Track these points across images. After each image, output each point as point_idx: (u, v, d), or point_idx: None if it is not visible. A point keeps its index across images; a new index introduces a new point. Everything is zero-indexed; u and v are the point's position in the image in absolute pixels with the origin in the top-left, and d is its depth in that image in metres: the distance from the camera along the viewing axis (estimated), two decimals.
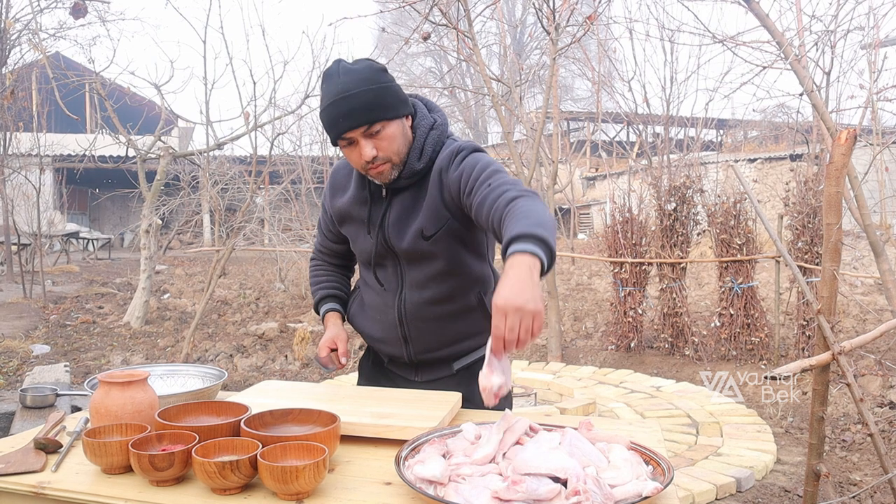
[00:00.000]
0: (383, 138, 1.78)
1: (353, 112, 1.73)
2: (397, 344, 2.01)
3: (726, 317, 6.43)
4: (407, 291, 1.95)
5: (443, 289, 1.93)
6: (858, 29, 6.22)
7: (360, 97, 1.73)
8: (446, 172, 1.84)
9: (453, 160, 1.84)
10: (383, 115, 1.76)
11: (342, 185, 2.04)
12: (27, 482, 1.40)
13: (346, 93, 1.73)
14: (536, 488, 1.21)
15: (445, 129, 1.93)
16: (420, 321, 1.96)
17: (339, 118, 1.75)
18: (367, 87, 1.74)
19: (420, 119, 1.91)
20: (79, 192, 23.60)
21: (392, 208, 1.91)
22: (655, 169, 7.74)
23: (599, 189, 23.43)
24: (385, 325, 2.01)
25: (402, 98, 1.83)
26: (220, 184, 9.40)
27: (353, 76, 1.74)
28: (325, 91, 1.78)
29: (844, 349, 2.49)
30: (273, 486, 1.29)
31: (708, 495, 3.65)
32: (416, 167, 1.86)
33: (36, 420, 3.13)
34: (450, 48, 8.90)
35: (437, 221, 1.85)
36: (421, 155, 1.87)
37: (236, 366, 6.71)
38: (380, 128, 1.77)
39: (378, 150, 1.78)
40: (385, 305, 1.99)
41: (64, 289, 11.68)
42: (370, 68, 1.78)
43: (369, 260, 2.00)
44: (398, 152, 1.82)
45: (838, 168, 2.45)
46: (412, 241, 1.87)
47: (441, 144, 1.90)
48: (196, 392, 1.83)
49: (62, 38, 11.65)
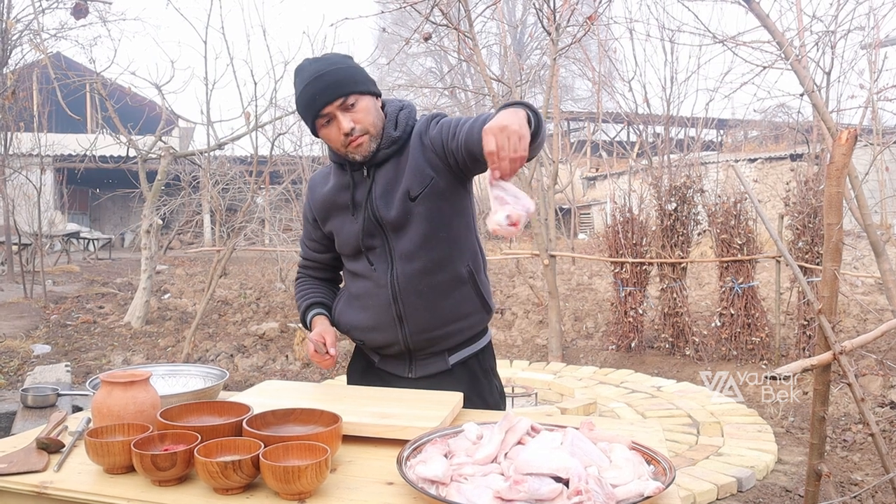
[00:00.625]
0: (359, 111, 1.89)
1: (329, 88, 1.85)
2: (391, 327, 2.00)
3: (727, 317, 6.43)
4: (398, 265, 1.97)
5: (432, 256, 1.96)
6: (859, 29, 6.23)
7: (333, 74, 1.86)
8: (426, 134, 1.95)
9: (430, 122, 1.97)
10: (356, 89, 1.88)
11: (321, 183, 2.12)
12: (29, 482, 1.41)
13: (319, 73, 1.86)
14: (538, 488, 1.21)
15: (414, 111, 2.04)
16: (414, 295, 1.97)
17: (315, 96, 1.86)
18: (338, 66, 1.88)
19: (389, 104, 2.03)
20: (79, 192, 23.59)
21: (376, 183, 1.98)
22: (656, 169, 7.75)
23: (600, 189, 23.44)
24: (377, 310, 2.01)
25: (370, 78, 1.95)
26: (221, 184, 9.41)
27: (322, 62, 1.89)
28: (298, 80, 1.91)
29: (845, 349, 2.49)
30: (275, 486, 1.29)
31: (709, 495, 3.65)
32: (393, 135, 1.96)
33: (37, 420, 3.13)
34: (450, 48, 8.91)
35: (422, 181, 1.93)
36: (396, 125, 1.97)
37: (237, 366, 6.71)
38: (354, 101, 1.88)
39: (355, 122, 1.89)
40: (377, 287, 2.00)
41: (64, 289, 11.68)
42: (336, 55, 1.94)
43: (357, 245, 2.02)
44: (374, 124, 1.92)
45: (839, 168, 2.45)
46: (400, 206, 1.93)
47: (413, 119, 2.02)
48: (198, 392, 1.84)
49: (63, 38, 11.66)
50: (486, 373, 2.12)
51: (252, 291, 11.21)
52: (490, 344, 2.17)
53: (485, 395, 2.06)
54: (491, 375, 2.14)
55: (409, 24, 13.58)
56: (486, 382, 2.10)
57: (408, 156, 1.95)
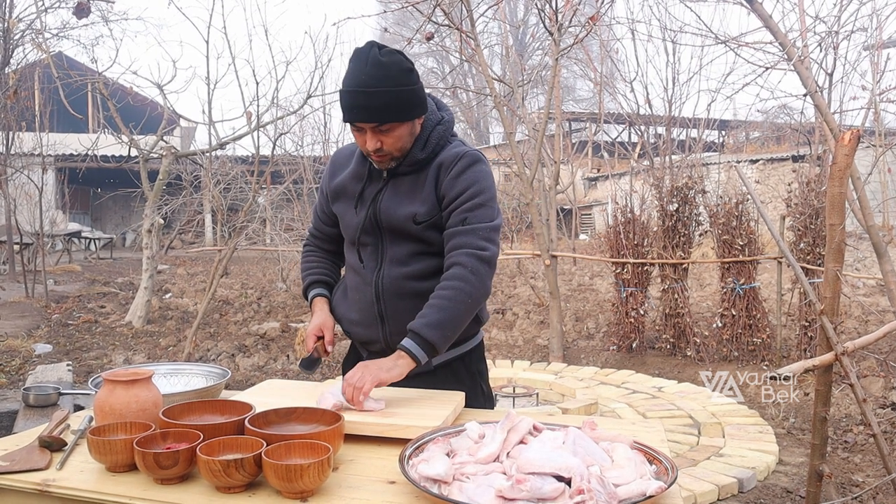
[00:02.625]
0: (390, 136, 1.85)
1: (369, 108, 1.79)
2: (373, 325, 2.01)
3: (728, 318, 6.43)
4: (386, 267, 1.98)
5: (421, 266, 1.96)
6: (861, 30, 6.22)
7: (380, 97, 1.77)
8: (446, 172, 1.91)
9: (456, 163, 1.91)
10: (396, 118, 1.82)
11: (343, 164, 2.09)
12: (32, 480, 1.41)
13: (368, 88, 1.77)
14: (541, 487, 1.21)
15: (451, 128, 2.00)
16: (397, 297, 1.97)
17: (354, 108, 1.81)
18: (389, 87, 1.78)
19: (429, 114, 1.96)
20: (81, 191, 23.60)
21: (388, 187, 1.97)
22: (657, 170, 7.75)
23: (601, 190, 23.43)
24: (362, 305, 2.02)
25: (421, 100, 1.88)
26: (223, 183, 9.41)
27: (379, 71, 1.77)
28: (350, 71, 1.81)
29: (847, 350, 2.49)
30: (277, 485, 1.30)
31: (710, 496, 3.65)
32: (418, 157, 1.93)
33: (39, 419, 3.13)
34: (452, 48, 8.91)
35: (430, 212, 1.92)
36: (424, 146, 1.93)
37: (238, 365, 6.71)
38: (389, 127, 1.83)
39: (382, 145, 1.86)
40: (363, 283, 2.01)
41: (66, 288, 11.69)
42: (399, 67, 1.80)
43: (354, 238, 2.03)
44: (402, 149, 1.90)
45: (842, 168, 2.45)
46: (403, 223, 1.93)
47: (445, 140, 1.97)
48: (200, 391, 1.84)
49: (65, 37, 11.67)
50: (473, 376, 2.09)
51: (253, 291, 11.21)
52: (479, 346, 2.14)
53: (468, 399, 1.99)
54: (478, 378, 2.11)
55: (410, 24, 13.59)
56: (472, 385, 2.06)
57: (426, 179, 1.94)
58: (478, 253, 1.86)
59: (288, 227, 11.12)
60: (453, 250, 1.88)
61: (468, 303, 1.85)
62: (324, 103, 12.92)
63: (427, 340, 1.79)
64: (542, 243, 7.13)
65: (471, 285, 1.84)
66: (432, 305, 1.83)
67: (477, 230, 1.87)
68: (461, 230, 1.88)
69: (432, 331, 1.79)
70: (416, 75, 1.85)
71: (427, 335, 1.79)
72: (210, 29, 8.45)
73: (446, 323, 1.82)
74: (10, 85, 10.17)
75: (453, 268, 1.86)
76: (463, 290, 1.84)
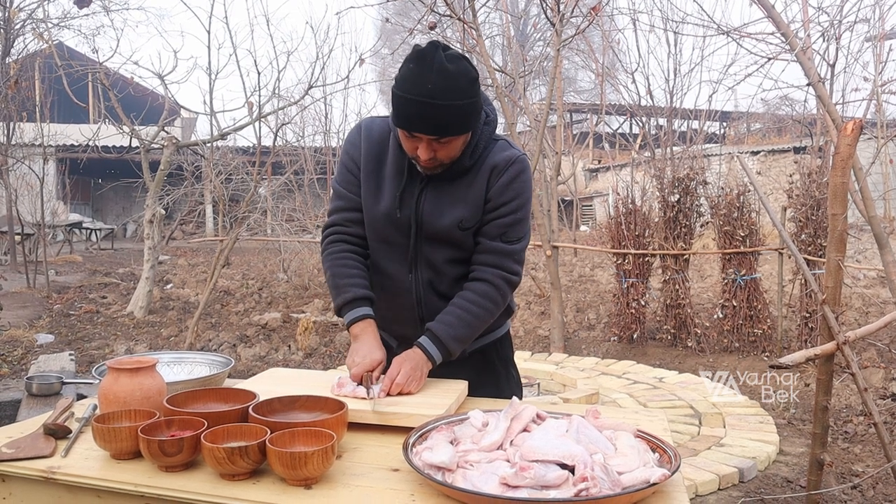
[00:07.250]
0: (446, 147, 1.77)
1: (432, 122, 1.69)
2: (412, 325, 1.98)
3: (729, 308, 6.43)
4: (423, 271, 1.95)
5: (458, 270, 1.95)
6: (864, 21, 6.21)
7: (445, 110, 1.67)
8: (497, 176, 1.86)
9: (508, 168, 1.86)
10: (458, 132, 1.74)
11: (379, 144, 1.93)
12: (37, 467, 1.42)
13: (434, 99, 1.65)
14: (544, 474, 1.22)
15: (495, 126, 1.93)
16: (437, 298, 1.96)
17: (414, 118, 1.70)
18: (455, 101, 1.67)
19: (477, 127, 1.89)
20: (82, 182, 23.57)
21: (429, 188, 1.89)
22: (659, 161, 7.73)
23: (602, 181, 23.40)
24: (400, 309, 1.99)
25: (480, 109, 1.80)
26: (224, 174, 9.39)
27: (446, 81, 1.65)
28: (412, 75, 1.67)
29: (849, 339, 2.50)
30: (281, 472, 1.30)
31: (711, 485, 3.66)
32: (464, 164, 1.86)
33: (42, 408, 3.14)
34: (453, 39, 8.88)
35: (474, 216, 1.88)
36: (472, 153, 1.86)
37: (240, 355, 6.73)
38: (447, 140, 1.75)
39: (437, 155, 1.77)
40: (395, 286, 1.97)
41: (67, 279, 11.70)
42: (467, 77, 1.69)
43: (384, 236, 1.94)
44: (452, 157, 1.82)
45: (844, 158, 2.45)
46: (448, 229, 1.87)
47: (490, 140, 1.89)
48: (204, 379, 1.85)
49: (66, 27, 11.61)
50: (504, 362, 2.13)
51: (254, 281, 11.21)
52: (508, 334, 2.17)
53: (500, 384, 2.07)
54: (509, 365, 2.15)
55: (412, 14, 13.53)
56: (504, 371, 2.11)
57: (472, 183, 1.87)
58: (510, 277, 1.91)
59: (289, 217, 11.12)
60: (487, 265, 1.90)
61: (489, 320, 1.94)
62: (325, 94, 12.89)
63: (449, 352, 1.87)
64: (544, 234, 7.13)
65: (497, 307, 1.92)
66: (462, 318, 1.87)
67: (513, 254, 1.91)
68: (498, 248, 1.89)
69: (455, 344, 1.87)
70: (478, 84, 1.74)
71: (451, 347, 1.87)
72: (212, 18, 8.43)
73: (468, 338, 1.91)
74: (10, 75, 10.14)
75: (486, 285, 1.89)
76: (491, 311, 1.91)
